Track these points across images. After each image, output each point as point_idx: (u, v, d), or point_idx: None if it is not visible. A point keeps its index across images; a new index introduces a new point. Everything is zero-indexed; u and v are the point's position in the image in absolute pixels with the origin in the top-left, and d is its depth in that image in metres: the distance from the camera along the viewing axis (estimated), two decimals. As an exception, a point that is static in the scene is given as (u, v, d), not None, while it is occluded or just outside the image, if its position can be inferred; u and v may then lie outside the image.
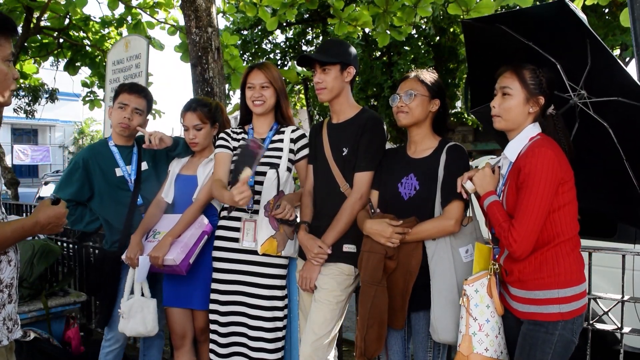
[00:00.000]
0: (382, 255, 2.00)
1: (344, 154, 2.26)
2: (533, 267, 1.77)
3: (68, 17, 6.95)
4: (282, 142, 2.44)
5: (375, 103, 12.69)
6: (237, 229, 2.39)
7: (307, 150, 2.46)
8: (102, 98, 7.64)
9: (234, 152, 2.42)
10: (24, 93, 12.30)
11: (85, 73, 7.93)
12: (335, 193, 2.27)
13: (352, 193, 2.22)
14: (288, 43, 14.31)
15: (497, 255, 1.91)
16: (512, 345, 1.87)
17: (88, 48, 7.41)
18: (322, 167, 2.34)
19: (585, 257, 1.97)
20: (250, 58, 13.54)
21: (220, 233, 2.45)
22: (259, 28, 13.21)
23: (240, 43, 12.80)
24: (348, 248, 2.22)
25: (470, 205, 2.09)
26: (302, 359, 2.21)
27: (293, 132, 2.47)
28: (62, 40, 7.34)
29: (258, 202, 2.33)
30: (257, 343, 2.34)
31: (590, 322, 2.26)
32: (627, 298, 2.25)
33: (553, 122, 1.87)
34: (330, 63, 2.24)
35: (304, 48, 14.28)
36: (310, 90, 13.24)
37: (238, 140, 2.48)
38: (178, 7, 6.44)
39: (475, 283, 1.88)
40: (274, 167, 2.36)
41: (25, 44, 7.01)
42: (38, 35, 7.14)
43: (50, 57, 8.12)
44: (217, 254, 2.44)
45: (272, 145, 2.44)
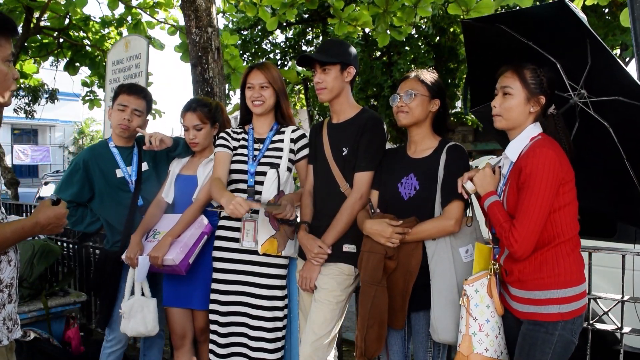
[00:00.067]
0: (382, 255, 2.00)
1: (344, 154, 2.26)
2: (533, 267, 1.77)
3: (68, 17, 6.94)
4: (282, 142, 2.44)
5: (375, 103, 12.67)
6: (237, 229, 2.39)
7: (307, 150, 2.46)
8: (102, 98, 7.64)
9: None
10: (24, 93, 12.29)
11: (85, 73, 7.94)
12: (335, 193, 2.27)
13: (352, 193, 2.22)
14: (288, 43, 14.28)
15: (497, 255, 1.91)
16: (512, 345, 1.87)
17: (88, 48, 7.41)
18: (322, 167, 2.34)
19: (585, 257, 1.97)
20: (250, 58, 13.52)
21: (221, 233, 2.45)
22: (259, 28, 13.19)
23: (240, 43, 12.78)
24: (348, 248, 2.22)
25: (471, 206, 2.09)
26: (302, 359, 2.21)
27: (293, 132, 2.47)
28: (62, 40, 7.33)
29: (258, 202, 2.33)
30: (257, 343, 2.34)
31: (590, 322, 2.26)
32: (627, 298, 2.25)
33: (554, 121, 1.87)
34: (330, 63, 2.24)
35: (304, 48, 14.25)
36: (310, 90, 13.22)
37: (238, 140, 2.48)
38: (178, 7, 6.44)
39: (476, 283, 1.88)
40: (274, 167, 2.36)
41: (25, 44, 7.00)
42: (38, 35, 7.14)
43: (50, 57, 8.12)
44: (217, 254, 2.44)
45: (272, 145, 2.44)
